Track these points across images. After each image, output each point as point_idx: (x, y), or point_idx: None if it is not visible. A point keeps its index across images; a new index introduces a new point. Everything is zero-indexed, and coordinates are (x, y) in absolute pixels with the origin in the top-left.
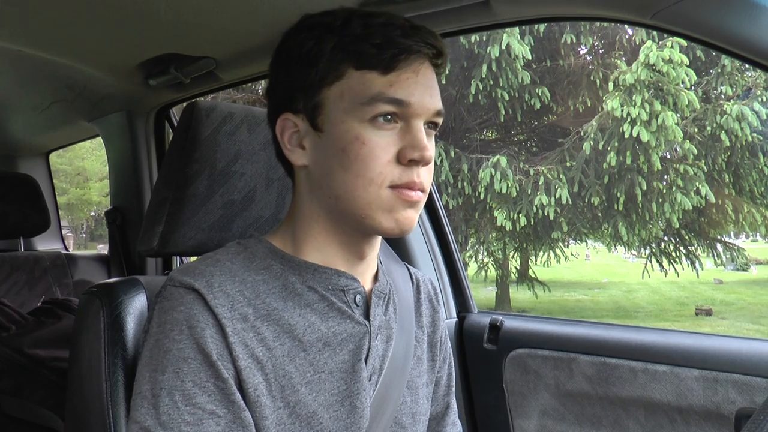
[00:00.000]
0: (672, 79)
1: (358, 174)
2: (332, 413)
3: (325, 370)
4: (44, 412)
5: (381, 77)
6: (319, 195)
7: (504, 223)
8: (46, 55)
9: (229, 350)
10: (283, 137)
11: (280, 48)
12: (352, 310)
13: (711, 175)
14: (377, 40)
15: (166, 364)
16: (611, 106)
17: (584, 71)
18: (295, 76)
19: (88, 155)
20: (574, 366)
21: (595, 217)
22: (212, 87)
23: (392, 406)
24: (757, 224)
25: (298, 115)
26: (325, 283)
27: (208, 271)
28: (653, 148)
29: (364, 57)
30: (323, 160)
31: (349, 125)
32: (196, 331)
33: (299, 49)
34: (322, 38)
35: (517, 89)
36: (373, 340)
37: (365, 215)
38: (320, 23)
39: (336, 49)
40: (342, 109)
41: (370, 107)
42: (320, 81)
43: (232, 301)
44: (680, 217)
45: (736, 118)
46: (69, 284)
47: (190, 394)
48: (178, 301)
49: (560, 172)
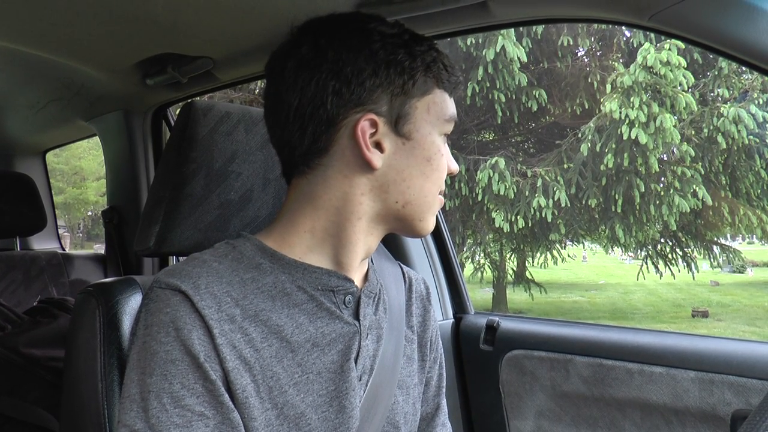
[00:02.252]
0: (670, 81)
1: (435, 182)
2: (321, 414)
3: (314, 371)
4: (40, 412)
5: (449, 99)
6: (384, 198)
7: (502, 224)
8: (43, 54)
9: (216, 352)
10: (364, 137)
11: (352, 40)
12: (341, 311)
13: (708, 177)
14: (446, 63)
15: (153, 366)
16: (609, 108)
17: (581, 73)
18: (383, 78)
19: (85, 154)
20: (571, 367)
21: (592, 219)
22: (209, 87)
23: (383, 405)
24: (753, 226)
25: (381, 117)
26: (314, 283)
27: (194, 272)
28: (651, 150)
29: (442, 78)
30: (404, 166)
31: (434, 138)
32: (183, 332)
33: (389, 54)
34: (412, 51)
35: (514, 91)
36: (363, 340)
37: (422, 218)
38: (394, 33)
39: (426, 65)
40: (428, 121)
41: (447, 124)
42: (414, 92)
43: (219, 302)
44: (677, 220)
45: (733, 121)
46: (65, 284)
47: (179, 396)
48: (165, 303)
49: (558, 174)
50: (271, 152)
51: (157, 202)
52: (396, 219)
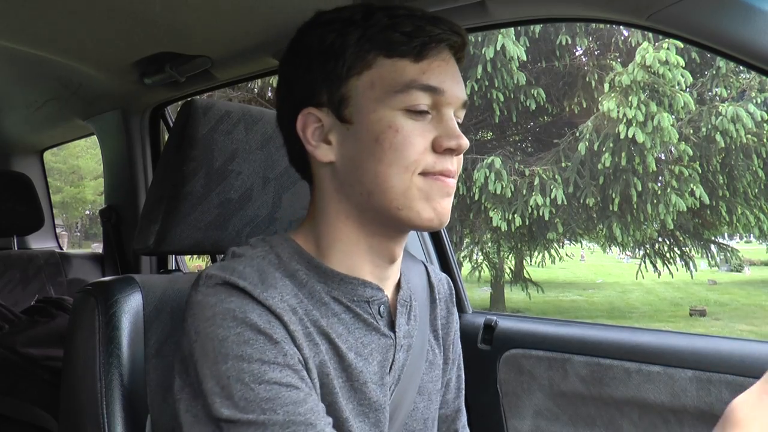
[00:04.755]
0: (668, 80)
1: (391, 163)
2: (359, 423)
3: (359, 380)
4: (38, 412)
5: (413, 65)
6: (349, 192)
7: (499, 223)
8: (41, 53)
9: (291, 337)
10: (306, 133)
11: (295, 44)
12: (377, 322)
13: (705, 176)
14: (406, 28)
15: (226, 352)
16: (607, 107)
17: (579, 72)
18: (316, 69)
19: (83, 153)
20: (569, 366)
21: (590, 218)
22: (208, 86)
23: (404, 413)
24: (751, 225)
25: (322, 108)
26: (350, 294)
27: (246, 271)
28: (649, 149)
29: (394, 45)
30: (353, 153)
31: (381, 114)
32: (253, 316)
33: (320, 43)
34: (346, 30)
35: (512, 90)
36: (397, 353)
37: (402, 206)
38: (338, 18)
39: (362, 39)
40: (373, 98)
41: (403, 95)
42: (347, 72)
43: (281, 293)
44: (674, 219)
45: (731, 120)
46: (63, 283)
47: (261, 372)
48: (226, 296)
49: (555, 173)
50: (271, 151)
51: (157, 200)
52: (376, 212)
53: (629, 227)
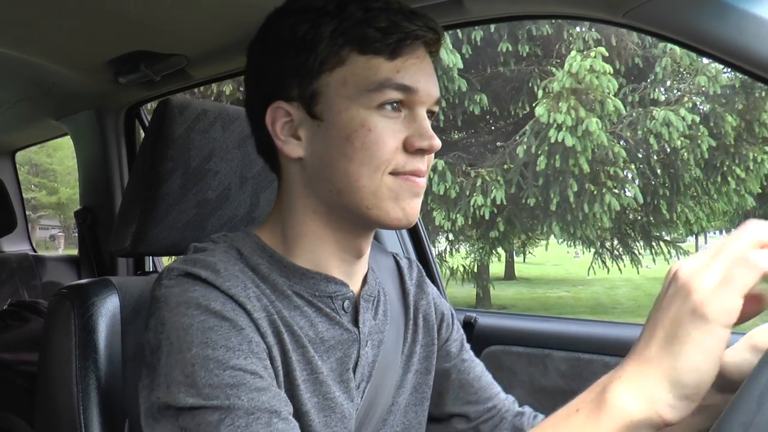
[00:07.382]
0: (596, 87)
1: (363, 162)
2: (323, 418)
3: (322, 371)
4: (12, 418)
5: (387, 63)
6: (318, 189)
7: (442, 222)
8: (12, 52)
9: (255, 325)
10: (275, 127)
11: (265, 31)
12: (340, 317)
13: (646, 176)
14: (381, 24)
15: (191, 340)
16: (539, 113)
17: (524, 78)
18: (287, 61)
19: None
20: (548, 362)
21: (535, 217)
22: (183, 85)
23: (380, 411)
24: (691, 223)
25: (292, 103)
26: (311, 289)
27: (209, 262)
28: (580, 152)
29: (368, 41)
30: (323, 151)
31: (354, 112)
32: (216, 305)
33: (291, 33)
34: (319, 21)
35: (456, 95)
36: (362, 348)
37: (371, 205)
38: (311, 6)
39: (336, 32)
40: (345, 96)
41: (376, 94)
42: (319, 66)
43: (244, 283)
44: (611, 218)
45: (664, 123)
46: (37, 286)
47: (225, 359)
48: (189, 286)
49: (498, 175)
50: (248, 150)
51: (133, 201)
52: (344, 210)
53: (569, 226)
